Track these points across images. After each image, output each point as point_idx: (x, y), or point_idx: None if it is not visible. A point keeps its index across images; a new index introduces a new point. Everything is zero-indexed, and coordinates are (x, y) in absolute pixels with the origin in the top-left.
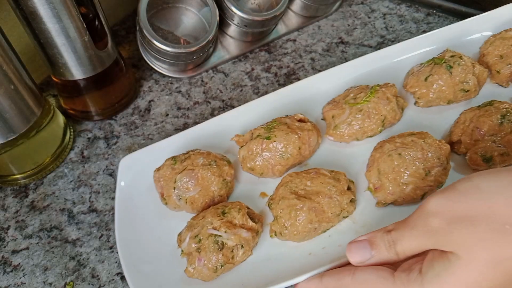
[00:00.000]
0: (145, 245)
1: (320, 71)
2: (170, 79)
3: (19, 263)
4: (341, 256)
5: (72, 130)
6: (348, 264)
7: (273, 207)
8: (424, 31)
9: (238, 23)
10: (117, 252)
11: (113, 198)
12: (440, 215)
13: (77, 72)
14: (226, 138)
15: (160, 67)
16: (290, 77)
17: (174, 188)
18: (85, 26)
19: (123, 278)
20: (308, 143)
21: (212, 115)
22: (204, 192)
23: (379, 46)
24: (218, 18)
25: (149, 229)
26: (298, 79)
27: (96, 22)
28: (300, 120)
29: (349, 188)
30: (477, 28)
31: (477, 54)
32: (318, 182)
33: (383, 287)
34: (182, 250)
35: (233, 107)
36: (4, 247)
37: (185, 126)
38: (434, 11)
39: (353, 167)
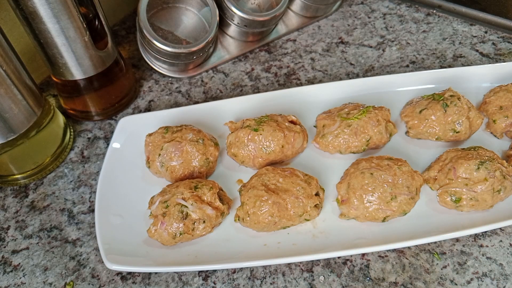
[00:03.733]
0: (121, 200)
1: (320, 71)
2: (170, 79)
3: (19, 263)
4: (293, 254)
5: (72, 130)
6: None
7: (242, 194)
8: (424, 31)
9: (238, 23)
10: None
11: None
12: None
13: (77, 72)
14: (223, 123)
15: (160, 67)
16: (290, 77)
17: (159, 154)
18: (85, 26)
19: (123, 278)
20: (292, 144)
21: None
22: (185, 165)
23: (379, 46)
24: (218, 18)
25: (129, 187)
26: (298, 79)
27: (96, 22)
28: (292, 122)
29: (317, 194)
30: (490, 76)
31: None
32: (289, 181)
33: None
34: (151, 212)
35: None
36: (4, 247)
37: None
38: (434, 11)
39: (329, 177)
